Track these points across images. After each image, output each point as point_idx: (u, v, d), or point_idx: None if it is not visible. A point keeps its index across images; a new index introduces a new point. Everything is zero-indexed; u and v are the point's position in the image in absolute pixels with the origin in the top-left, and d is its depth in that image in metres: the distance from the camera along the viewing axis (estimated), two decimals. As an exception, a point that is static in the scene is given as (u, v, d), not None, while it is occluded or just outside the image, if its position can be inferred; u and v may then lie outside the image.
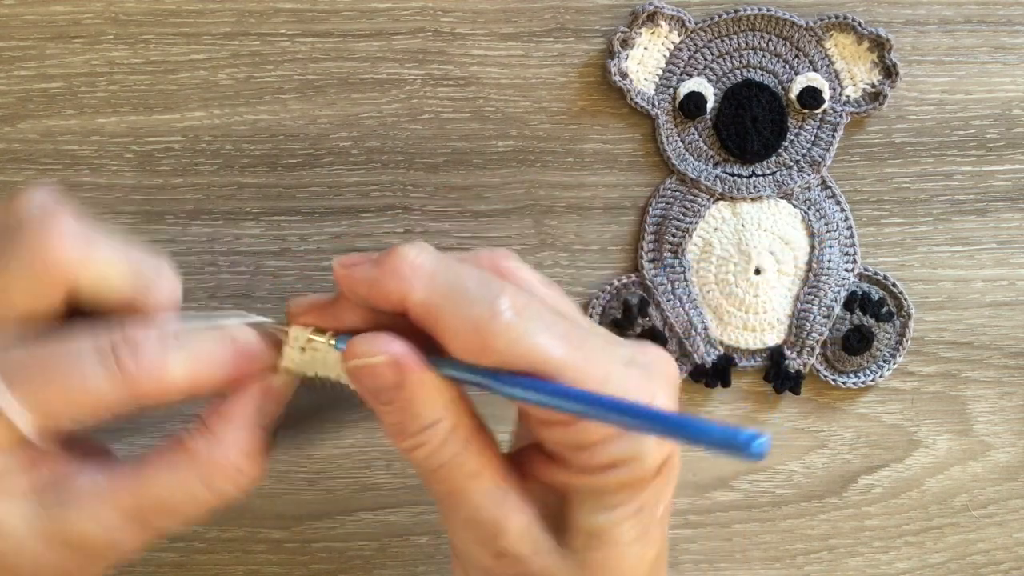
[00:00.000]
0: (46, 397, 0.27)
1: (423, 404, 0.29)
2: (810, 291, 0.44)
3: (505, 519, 0.29)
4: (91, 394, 0.27)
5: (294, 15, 0.43)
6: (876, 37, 0.43)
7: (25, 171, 0.43)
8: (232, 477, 0.29)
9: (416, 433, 0.29)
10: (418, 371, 0.28)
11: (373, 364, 0.28)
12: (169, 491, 0.29)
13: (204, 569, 0.44)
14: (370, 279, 0.29)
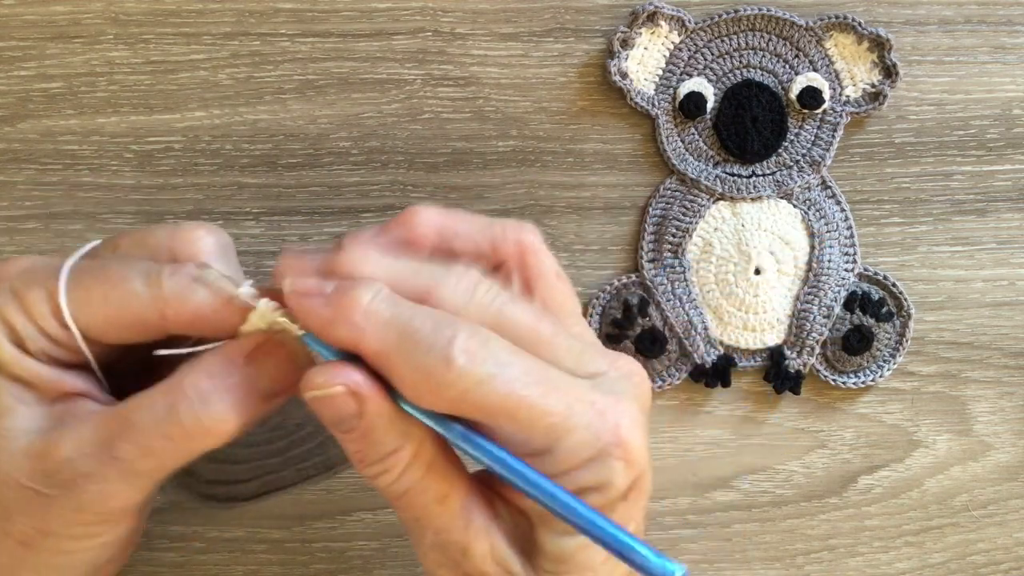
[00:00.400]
0: (92, 291, 0.30)
1: (383, 433, 0.29)
2: (810, 291, 0.44)
3: (472, 542, 0.30)
4: (128, 301, 0.30)
5: (294, 15, 0.43)
6: (876, 37, 0.43)
7: (25, 171, 0.43)
8: (197, 410, 0.29)
9: (377, 461, 0.29)
10: (376, 401, 0.28)
11: (332, 395, 0.28)
12: (138, 414, 0.29)
13: (204, 569, 0.44)
14: (322, 319, 0.28)
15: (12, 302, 0.30)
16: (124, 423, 0.30)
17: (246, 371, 0.29)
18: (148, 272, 0.30)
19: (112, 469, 0.29)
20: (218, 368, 0.29)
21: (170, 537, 0.44)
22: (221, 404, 0.29)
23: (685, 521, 0.45)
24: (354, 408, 0.28)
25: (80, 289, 0.30)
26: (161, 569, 0.44)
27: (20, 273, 0.31)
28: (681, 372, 0.44)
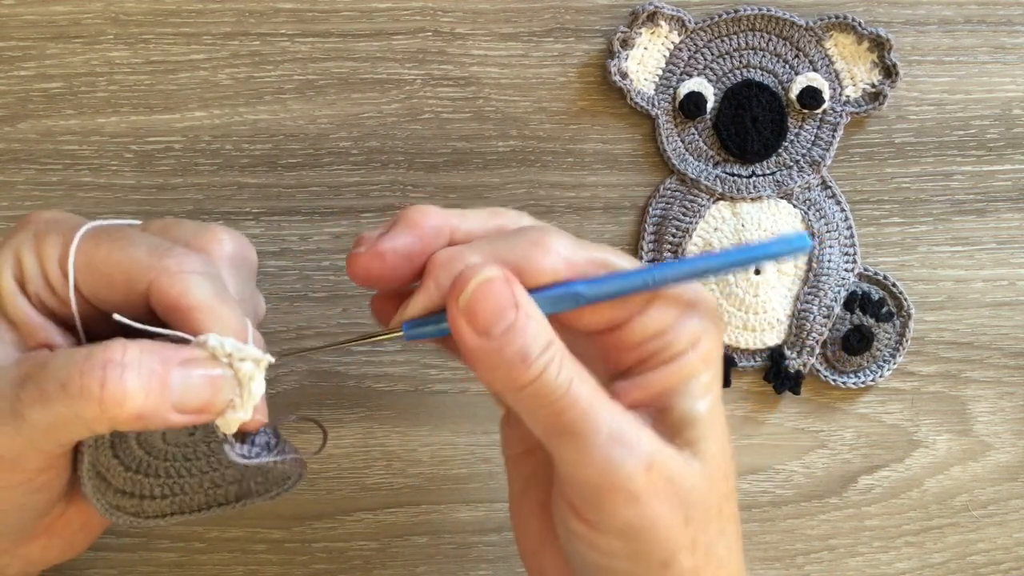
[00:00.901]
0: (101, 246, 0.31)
1: (539, 321, 0.29)
2: (810, 291, 0.44)
3: (640, 429, 0.30)
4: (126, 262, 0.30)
5: (294, 15, 0.43)
6: (876, 37, 0.43)
7: (25, 171, 0.43)
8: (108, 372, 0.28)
9: (541, 354, 0.29)
10: (523, 288, 0.29)
11: (492, 279, 0.29)
12: (58, 356, 0.29)
13: (204, 569, 0.44)
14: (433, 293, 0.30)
15: (30, 242, 0.31)
16: (42, 363, 0.29)
17: (175, 371, 0.29)
18: (157, 245, 0.31)
19: (5, 403, 0.28)
20: (153, 353, 0.28)
21: (170, 537, 0.44)
22: (135, 382, 0.28)
23: (685, 521, 0.45)
24: (511, 296, 0.29)
25: (91, 241, 0.31)
26: (161, 569, 0.44)
27: (49, 220, 0.32)
28: (681, 372, 0.44)
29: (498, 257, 0.30)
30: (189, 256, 0.30)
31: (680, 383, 0.31)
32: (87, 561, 0.43)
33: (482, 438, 0.44)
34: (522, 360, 0.28)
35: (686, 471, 0.30)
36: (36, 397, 0.28)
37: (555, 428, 0.29)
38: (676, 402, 0.31)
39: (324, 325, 0.44)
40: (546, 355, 0.29)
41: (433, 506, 0.44)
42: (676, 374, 0.31)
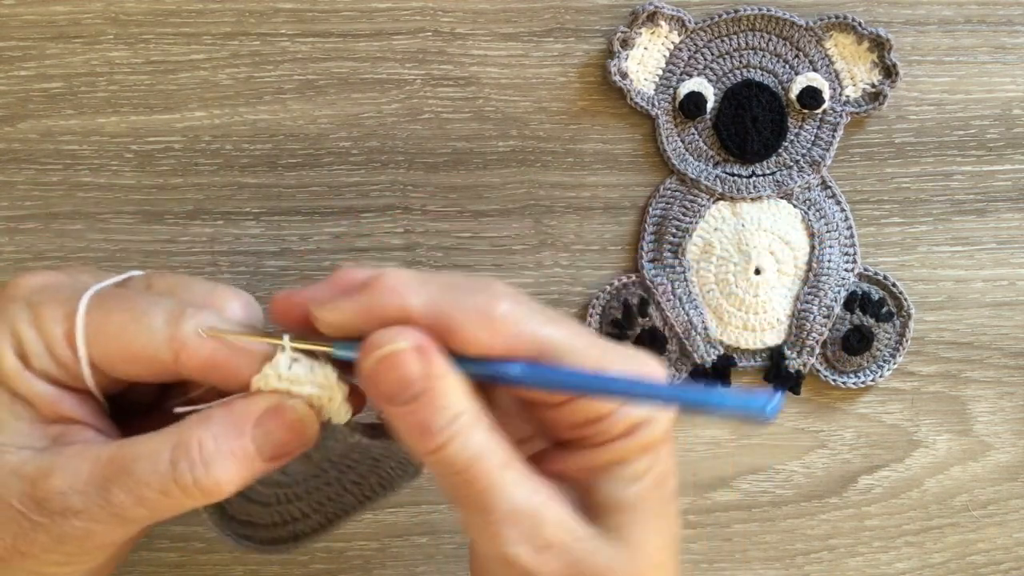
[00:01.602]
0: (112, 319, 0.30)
1: (448, 393, 0.28)
2: (810, 291, 0.44)
3: (544, 507, 0.29)
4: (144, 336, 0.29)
5: (294, 15, 0.43)
6: (876, 37, 0.43)
7: (25, 171, 0.43)
8: (198, 473, 0.29)
9: (445, 427, 0.28)
10: (440, 357, 0.28)
11: (399, 351, 0.28)
12: (138, 464, 0.29)
13: (204, 569, 0.44)
14: (361, 305, 0.29)
15: (26, 315, 0.30)
16: (122, 469, 0.29)
17: (253, 434, 0.29)
18: (171, 310, 0.30)
19: (103, 512, 0.29)
20: (225, 430, 0.29)
21: (170, 537, 0.44)
22: (222, 468, 0.29)
23: (685, 521, 0.45)
24: (419, 368, 0.28)
25: (99, 313, 0.30)
26: (161, 569, 0.44)
27: (41, 288, 0.31)
28: (681, 372, 0.44)
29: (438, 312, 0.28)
30: (203, 313, 0.30)
31: (608, 466, 0.30)
32: (87, 561, 0.43)
33: (482, 438, 0.44)
34: (421, 433, 0.28)
35: (597, 556, 0.29)
36: (136, 503, 0.29)
37: (457, 498, 0.29)
38: (600, 485, 0.30)
39: (324, 325, 0.44)
40: (450, 429, 0.28)
41: (433, 506, 0.44)
42: (603, 458, 0.30)
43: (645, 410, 0.30)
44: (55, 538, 0.29)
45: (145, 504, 0.29)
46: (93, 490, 0.29)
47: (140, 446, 0.29)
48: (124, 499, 0.29)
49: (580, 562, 0.29)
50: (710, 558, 0.45)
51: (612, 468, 0.30)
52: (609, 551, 0.30)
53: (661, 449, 0.31)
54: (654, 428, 0.30)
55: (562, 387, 0.29)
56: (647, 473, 0.30)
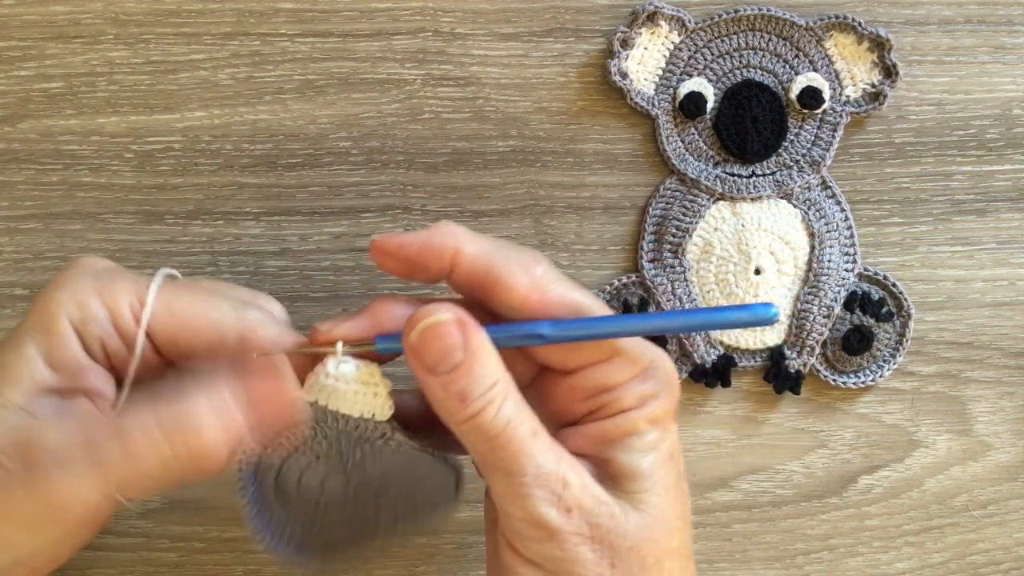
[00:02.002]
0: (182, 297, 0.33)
1: (486, 363, 0.31)
2: (810, 291, 0.44)
3: (569, 472, 0.31)
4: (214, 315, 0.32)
5: (294, 15, 0.43)
6: (876, 37, 0.43)
7: (25, 171, 0.43)
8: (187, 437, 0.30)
9: (482, 395, 0.30)
10: (478, 329, 0.31)
11: (442, 322, 0.30)
12: (132, 420, 0.30)
13: (204, 569, 0.44)
14: (420, 243, 0.32)
15: (93, 288, 0.32)
16: (117, 427, 0.30)
17: (246, 411, 0.31)
18: (235, 299, 0.33)
19: (89, 466, 0.30)
20: (221, 401, 0.30)
21: (170, 537, 0.44)
22: (213, 436, 0.30)
23: (685, 521, 0.45)
24: (459, 338, 0.30)
25: (168, 293, 0.32)
26: (161, 569, 0.44)
27: (109, 268, 0.33)
28: (681, 372, 0.44)
29: (487, 259, 0.32)
30: (269, 305, 0.34)
31: (622, 437, 0.33)
32: (87, 561, 0.43)
33: (482, 438, 0.44)
34: (461, 400, 0.31)
35: (617, 519, 0.32)
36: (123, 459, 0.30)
37: (488, 463, 0.32)
38: (616, 455, 0.33)
39: (324, 325, 0.44)
40: (487, 396, 0.31)
41: (433, 506, 0.44)
42: (618, 428, 0.33)
43: (654, 384, 0.33)
44: (31, 495, 0.30)
45: (133, 461, 0.30)
46: (84, 445, 0.30)
47: (136, 409, 0.31)
48: (114, 453, 0.30)
49: (603, 524, 0.31)
50: (710, 558, 0.45)
51: (625, 440, 0.33)
52: (629, 514, 0.32)
53: (669, 425, 0.33)
54: (663, 401, 0.33)
55: (588, 335, 0.32)
56: (658, 445, 0.33)
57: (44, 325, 0.32)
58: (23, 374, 0.31)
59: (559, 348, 0.33)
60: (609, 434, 0.33)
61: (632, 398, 0.33)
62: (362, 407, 0.33)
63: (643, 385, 0.33)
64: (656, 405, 0.33)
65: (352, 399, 0.33)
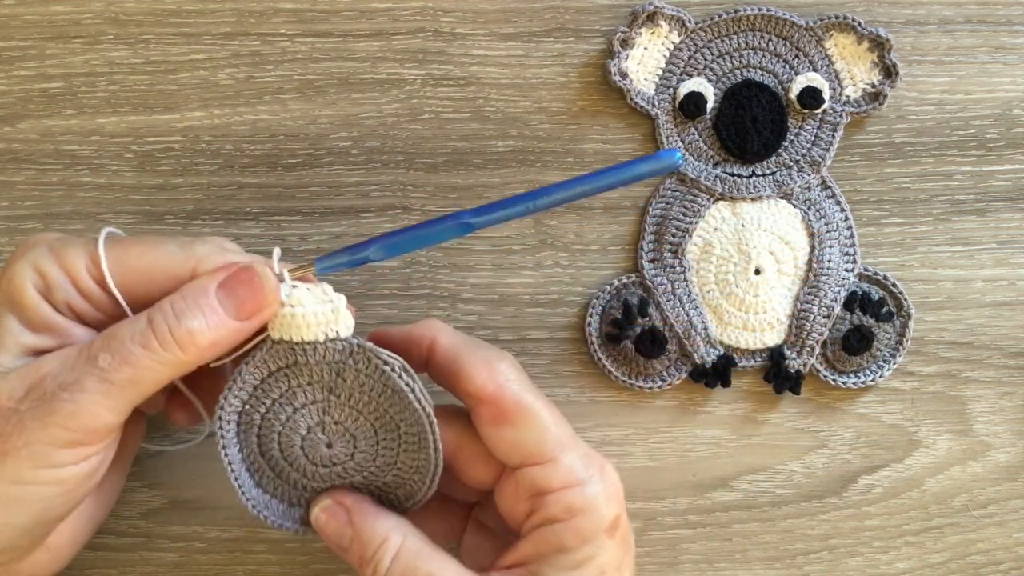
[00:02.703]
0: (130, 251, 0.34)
1: (371, 529, 0.35)
2: (810, 291, 0.44)
3: None
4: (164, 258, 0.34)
5: (294, 15, 0.43)
6: (876, 37, 0.43)
7: (25, 171, 0.43)
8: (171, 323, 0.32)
9: (372, 555, 0.34)
10: (361, 503, 0.36)
11: (326, 507, 0.36)
12: (120, 328, 0.33)
13: (204, 569, 0.44)
14: (403, 334, 0.37)
15: (48, 255, 0.34)
16: (106, 337, 0.32)
17: (218, 294, 0.33)
18: (182, 240, 0.35)
19: (91, 378, 0.32)
20: (192, 292, 0.33)
21: (170, 537, 0.44)
22: (194, 320, 0.32)
23: (685, 521, 0.45)
24: (344, 516, 0.36)
25: (118, 247, 0.34)
26: (161, 569, 0.44)
27: (57, 238, 0.35)
28: (681, 372, 0.44)
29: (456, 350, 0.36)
30: (214, 239, 0.35)
31: (550, 552, 0.34)
32: (87, 561, 0.44)
33: (482, 438, 0.44)
34: (360, 564, 0.35)
35: None
36: (121, 361, 0.32)
37: None
38: (544, 570, 0.34)
39: (324, 325, 0.44)
40: (378, 554, 0.35)
41: (433, 506, 0.44)
42: (546, 543, 0.34)
43: (584, 498, 0.34)
44: (45, 421, 0.31)
45: (130, 362, 0.32)
46: (82, 363, 0.32)
47: (124, 321, 0.33)
48: (110, 361, 0.32)
49: None
50: (710, 558, 0.45)
51: (554, 555, 0.34)
52: None
53: (603, 542, 0.34)
54: (592, 517, 0.34)
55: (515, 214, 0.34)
56: (586, 563, 0.34)
57: (14, 297, 0.33)
58: (7, 340, 0.33)
59: (507, 436, 0.35)
60: (540, 549, 0.34)
61: (559, 508, 0.34)
62: (324, 326, 0.34)
63: (573, 497, 0.34)
64: (584, 521, 0.34)
65: (314, 322, 0.34)
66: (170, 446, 0.43)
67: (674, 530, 0.45)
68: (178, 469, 0.44)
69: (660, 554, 0.45)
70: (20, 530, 0.32)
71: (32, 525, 0.33)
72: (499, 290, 0.44)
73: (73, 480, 0.33)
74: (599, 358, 0.44)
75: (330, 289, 0.34)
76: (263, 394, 0.36)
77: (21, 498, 0.32)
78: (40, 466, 0.32)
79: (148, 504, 0.44)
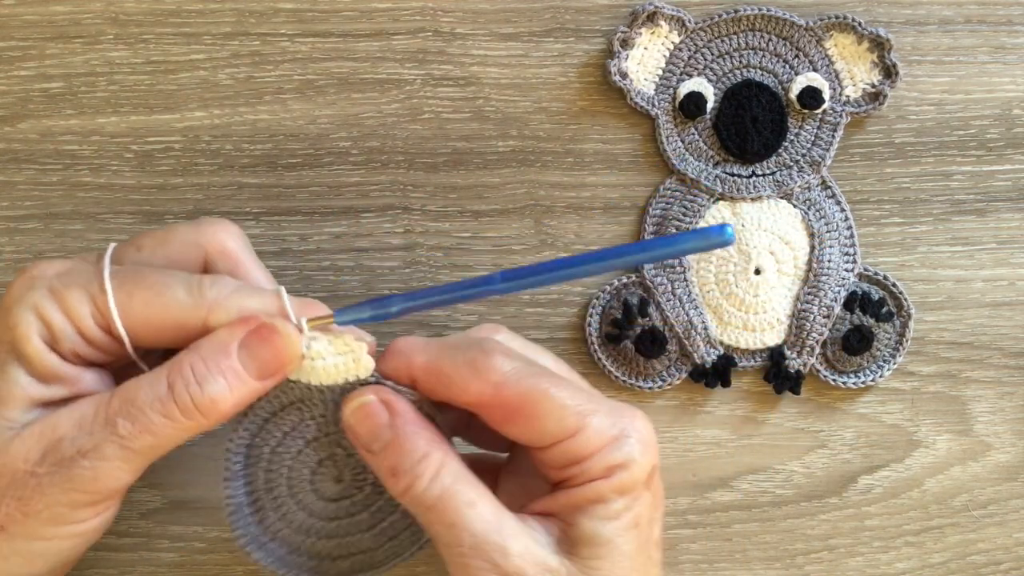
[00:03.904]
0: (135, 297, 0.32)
1: (413, 437, 0.33)
2: (810, 291, 0.44)
3: (508, 540, 0.32)
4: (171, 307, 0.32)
5: (294, 15, 0.43)
6: (876, 37, 0.43)
7: (25, 171, 0.43)
8: (192, 390, 0.31)
9: (410, 468, 0.32)
10: (404, 407, 0.33)
11: (367, 403, 0.33)
12: (138, 392, 0.32)
13: (204, 569, 0.44)
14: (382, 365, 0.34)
15: (50, 301, 0.32)
16: (124, 401, 0.32)
17: (240, 355, 0.32)
18: (189, 281, 0.33)
19: (111, 445, 0.31)
20: (213, 353, 0.32)
21: (170, 537, 0.44)
22: (215, 386, 0.32)
23: (685, 521, 0.45)
24: (385, 417, 0.33)
25: (122, 293, 0.32)
26: (161, 569, 0.44)
27: (58, 275, 0.33)
28: (681, 372, 0.44)
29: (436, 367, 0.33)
30: (223, 281, 0.33)
31: (587, 505, 0.33)
32: (87, 561, 0.43)
33: (482, 438, 0.44)
34: (392, 475, 0.33)
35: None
36: (141, 430, 0.31)
37: (431, 531, 0.33)
38: (580, 520, 0.33)
39: (324, 325, 0.44)
40: (415, 471, 0.32)
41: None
42: (584, 497, 0.33)
43: (623, 454, 0.33)
44: (64, 486, 0.31)
45: (150, 430, 0.31)
46: (99, 428, 0.31)
47: (140, 380, 0.32)
48: (130, 428, 0.31)
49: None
50: (710, 558, 0.45)
51: (590, 507, 0.33)
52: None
53: (640, 493, 0.34)
54: (632, 471, 0.33)
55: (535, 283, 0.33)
56: (624, 513, 0.33)
57: (18, 347, 0.32)
58: (15, 393, 0.32)
59: (526, 429, 0.33)
60: (576, 501, 0.33)
61: (598, 469, 0.33)
62: (344, 374, 0.33)
63: (611, 455, 0.33)
64: (625, 475, 0.33)
65: (333, 372, 0.33)
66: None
67: (674, 530, 0.45)
68: (178, 469, 0.44)
69: (660, 554, 0.45)
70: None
71: (50, 571, 0.33)
72: (499, 290, 0.44)
73: (92, 532, 0.33)
74: (599, 358, 0.44)
75: (351, 340, 0.33)
76: (275, 427, 0.35)
77: (42, 553, 0.33)
78: (60, 524, 0.32)
79: (148, 504, 0.44)
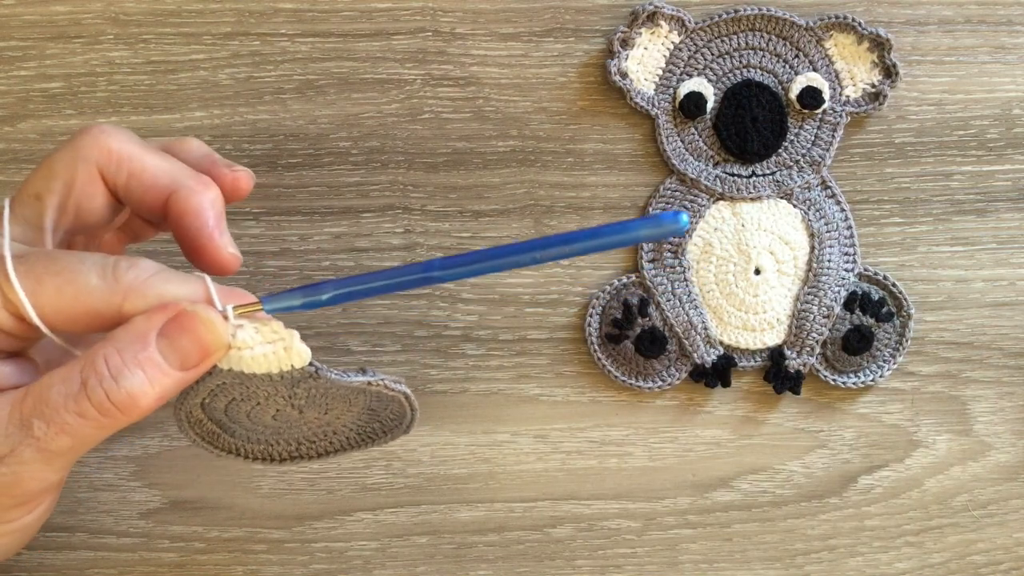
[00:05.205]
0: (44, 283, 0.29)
1: None
2: (810, 291, 0.44)
3: None
4: (84, 294, 0.29)
5: (294, 15, 0.43)
6: (876, 37, 0.43)
7: (25, 171, 0.43)
8: (108, 387, 0.29)
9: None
10: None
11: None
12: (51, 391, 0.29)
13: (204, 569, 0.44)
14: None
15: None
16: (38, 400, 0.29)
17: (157, 344, 0.29)
18: (104, 265, 0.30)
19: (27, 448, 0.29)
20: (129, 344, 0.29)
21: (170, 537, 0.44)
22: (132, 379, 0.29)
23: (685, 521, 0.45)
24: None
25: (30, 280, 0.29)
26: (161, 569, 0.44)
27: None
28: (681, 372, 0.44)
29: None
30: (140, 264, 0.30)
31: None
32: (87, 561, 0.44)
33: (482, 438, 0.44)
34: None
35: None
36: (57, 431, 0.29)
37: None
38: None
39: (324, 325, 0.44)
40: None
41: (433, 506, 0.44)
42: None
43: None
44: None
45: (67, 431, 0.29)
46: (15, 429, 0.29)
47: (53, 376, 0.29)
48: (46, 430, 0.29)
49: None
50: (710, 558, 0.45)
51: None
52: None
53: None
54: None
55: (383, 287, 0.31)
56: None
57: None
58: None
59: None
60: None
61: None
62: (277, 364, 0.31)
63: None
64: None
65: (264, 362, 0.31)
66: (169, 446, 0.43)
67: (674, 530, 0.45)
68: (178, 469, 0.44)
69: (660, 554, 0.45)
70: None
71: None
72: (499, 290, 0.44)
73: (29, 527, 0.32)
74: (599, 358, 0.44)
75: (280, 327, 0.31)
76: (221, 395, 0.34)
77: None
78: None
79: (148, 504, 0.44)
